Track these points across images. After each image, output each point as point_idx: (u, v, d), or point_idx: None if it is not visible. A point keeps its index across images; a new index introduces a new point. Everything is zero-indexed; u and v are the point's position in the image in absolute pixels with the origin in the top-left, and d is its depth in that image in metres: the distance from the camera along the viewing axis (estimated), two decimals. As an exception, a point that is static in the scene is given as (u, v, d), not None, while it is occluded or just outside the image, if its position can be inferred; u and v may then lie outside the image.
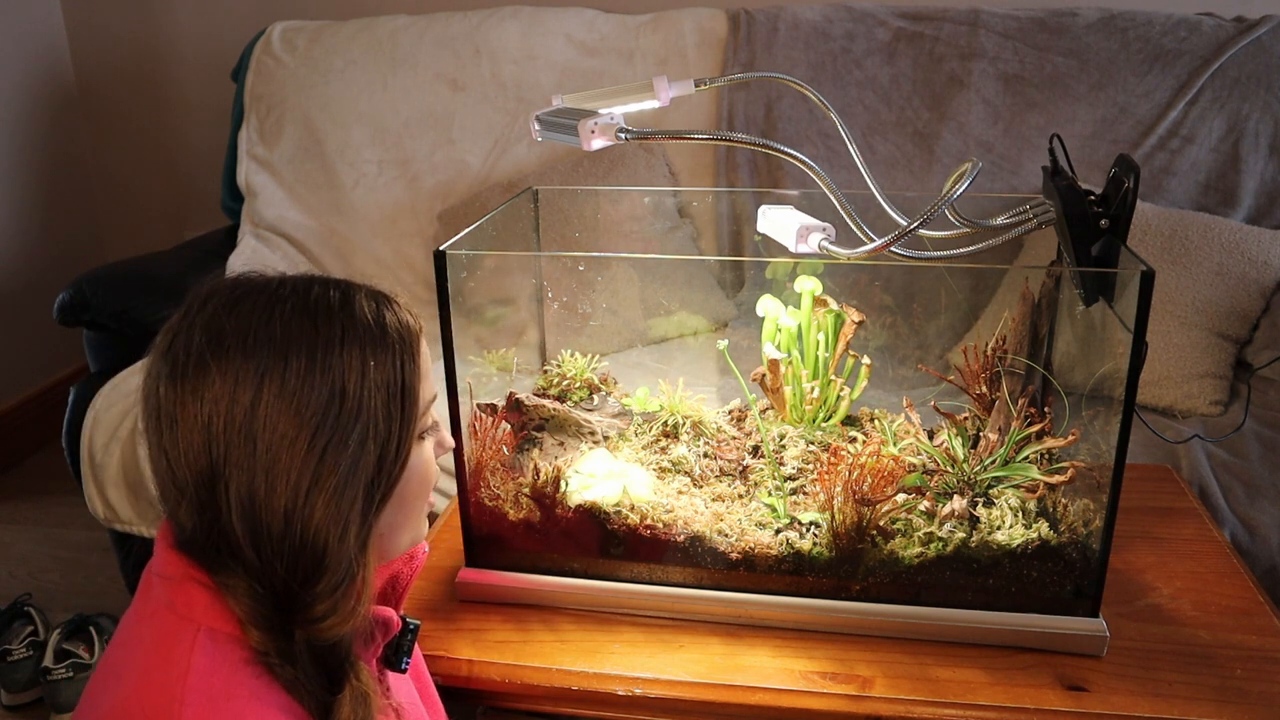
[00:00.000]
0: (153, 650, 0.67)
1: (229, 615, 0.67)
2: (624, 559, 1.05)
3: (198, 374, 0.66)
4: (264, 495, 0.66)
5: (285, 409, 0.66)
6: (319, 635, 0.68)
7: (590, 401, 1.24)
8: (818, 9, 2.12)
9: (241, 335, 0.67)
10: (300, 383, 0.66)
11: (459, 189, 2.19)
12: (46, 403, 2.71)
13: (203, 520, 0.67)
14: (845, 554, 1.00)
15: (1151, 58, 1.97)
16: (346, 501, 0.68)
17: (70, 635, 1.79)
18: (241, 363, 0.66)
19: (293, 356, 0.67)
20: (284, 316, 0.68)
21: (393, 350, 0.71)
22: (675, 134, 1.19)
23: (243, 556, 0.67)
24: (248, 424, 0.65)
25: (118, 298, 1.84)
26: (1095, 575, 0.96)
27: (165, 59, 2.70)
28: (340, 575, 0.68)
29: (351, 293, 0.72)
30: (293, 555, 0.67)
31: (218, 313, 0.68)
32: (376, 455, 0.69)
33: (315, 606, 0.67)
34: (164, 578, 0.69)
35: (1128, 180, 0.92)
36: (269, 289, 0.70)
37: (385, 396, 0.70)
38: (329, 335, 0.68)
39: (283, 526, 0.66)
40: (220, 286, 0.71)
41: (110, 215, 2.90)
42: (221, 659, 0.66)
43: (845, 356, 1.17)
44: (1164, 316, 1.72)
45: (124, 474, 1.65)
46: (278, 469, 0.66)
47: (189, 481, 0.67)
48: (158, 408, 0.67)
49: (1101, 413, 0.98)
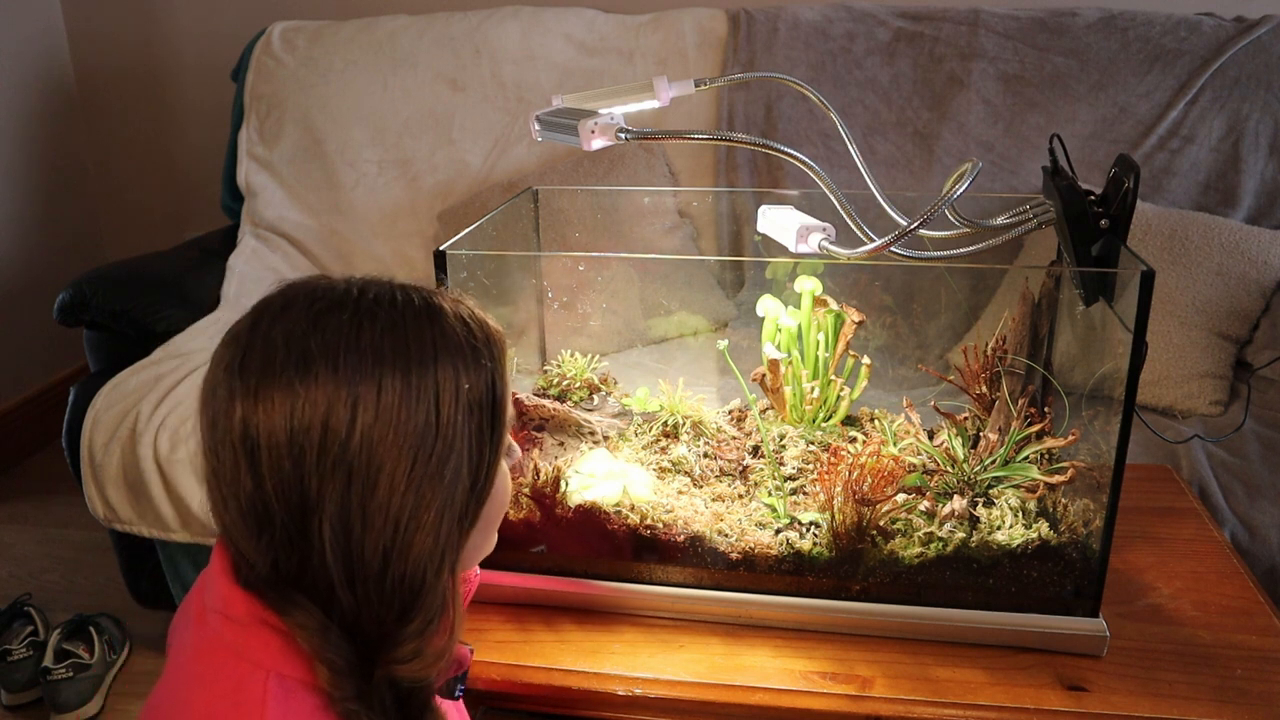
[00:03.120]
0: (218, 697, 0.62)
1: (300, 659, 0.62)
2: (624, 559, 1.05)
3: (283, 395, 0.60)
4: (360, 532, 0.61)
5: (381, 436, 0.60)
6: (403, 676, 0.63)
7: (590, 401, 1.23)
8: (818, 9, 2.12)
9: (330, 354, 0.61)
10: (396, 408, 0.61)
11: (459, 189, 2.19)
12: (46, 403, 2.71)
13: (289, 557, 0.62)
14: (845, 554, 1.00)
15: (1151, 58, 1.97)
16: (444, 533, 0.63)
17: (70, 635, 1.79)
18: (333, 387, 0.60)
19: (386, 379, 0.61)
20: (374, 333, 0.62)
21: (484, 367, 0.66)
22: (675, 134, 1.19)
23: (334, 598, 0.62)
24: (342, 454, 0.60)
25: (118, 298, 1.84)
26: (1095, 575, 0.96)
27: (165, 59, 2.70)
28: (434, 611, 0.64)
29: (436, 301, 0.66)
30: (390, 594, 0.62)
31: (300, 328, 0.62)
32: (469, 481, 0.65)
33: (404, 646, 0.63)
34: (226, 617, 0.63)
35: (1128, 180, 0.92)
36: (350, 300, 0.64)
37: (478, 417, 0.65)
38: (421, 354, 0.63)
39: (381, 564, 0.61)
40: (295, 297, 0.65)
41: (110, 215, 2.90)
42: (297, 709, 0.61)
43: (845, 356, 1.17)
44: (1164, 316, 1.72)
45: (124, 474, 1.64)
46: (375, 503, 0.61)
47: (275, 514, 0.61)
48: (230, 431, 0.61)
49: (1101, 413, 0.98)
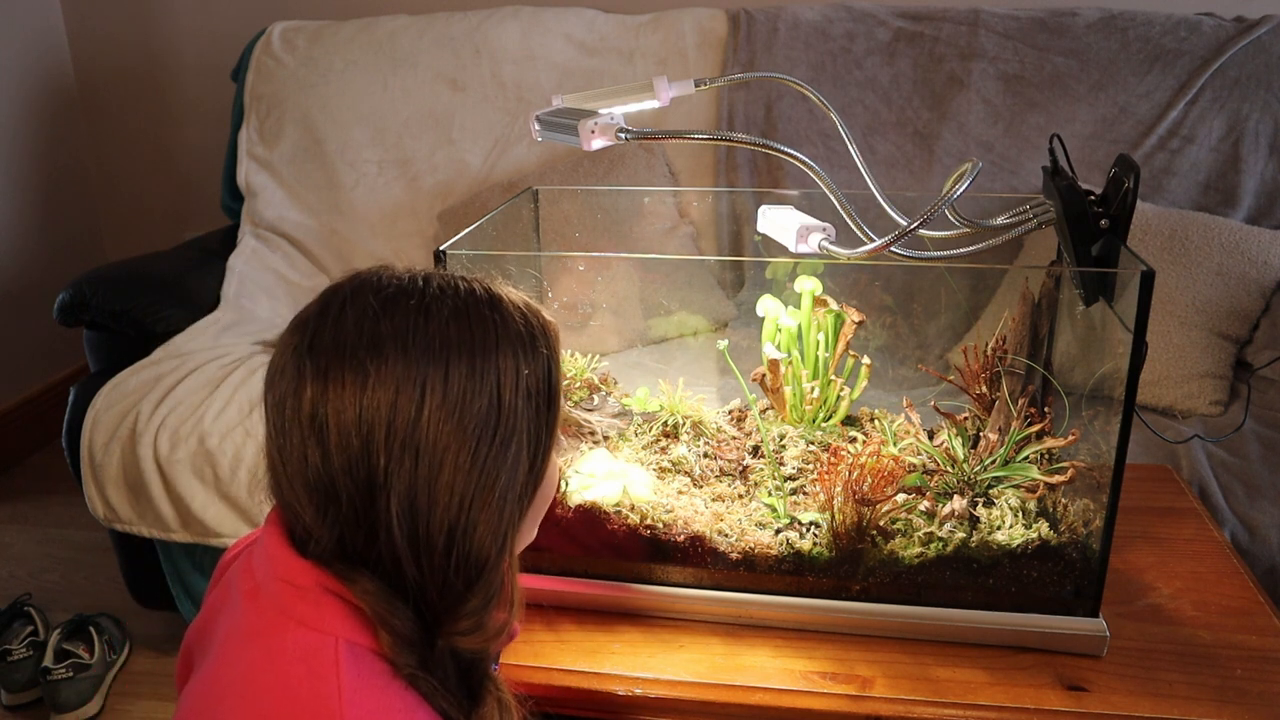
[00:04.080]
0: (291, 669, 0.63)
1: (365, 628, 0.64)
2: (624, 559, 1.05)
3: (355, 378, 0.62)
4: (425, 509, 0.63)
5: (448, 419, 0.63)
6: (464, 647, 0.66)
7: (590, 401, 1.23)
8: (818, 9, 2.12)
9: (400, 338, 0.64)
10: (461, 392, 0.63)
11: (459, 189, 2.19)
12: (46, 403, 2.71)
13: (357, 531, 0.64)
14: (845, 554, 1.00)
15: (1151, 58, 1.97)
16: (506, 515, 0.66)
17: (70, 635, 1.79)
18: (403, 369, 0.63)
19: (453, 364, 0.64)
20: (441, 320, 0.65)
21: (542, 356, 0.68)
22: (675, 134, 1.19)
23: (401, 570, 0.64)
24: (410, 435, 0.62)
25: (118, 298, 1.84)
26: (1095, 575, 0.96)
27: (165, 59, 2.70)
28: (493, 589, 0.66)
29: (498, 291, 0.69)
30: (455, 570, 0.65)
31: (369, 312, 0.65)
32: (529, 464, 0.68)
33: (464, 620, 0.66)
34: (287, 580, 0.65)
35: (1128, 180, 0.92)
36: (418, 288, 0.67)
37: (535, 403, 0.68)
38: (485, 341, 0.66)
39: (446, 542, 0.64)
40: (363, 284, 0.68)
41: (110, 215, 2.90)
42: (369, 673, 0.63)
43: (845, 356, 1.17)
44: (1164, 316, 1.72)
45: (124, 474, 1.64)
46: (440, 482, 0.63)
47: (342, 491, 0.63)
48: (299, 409, 0.63)
49: (1101, 413, 0.98)
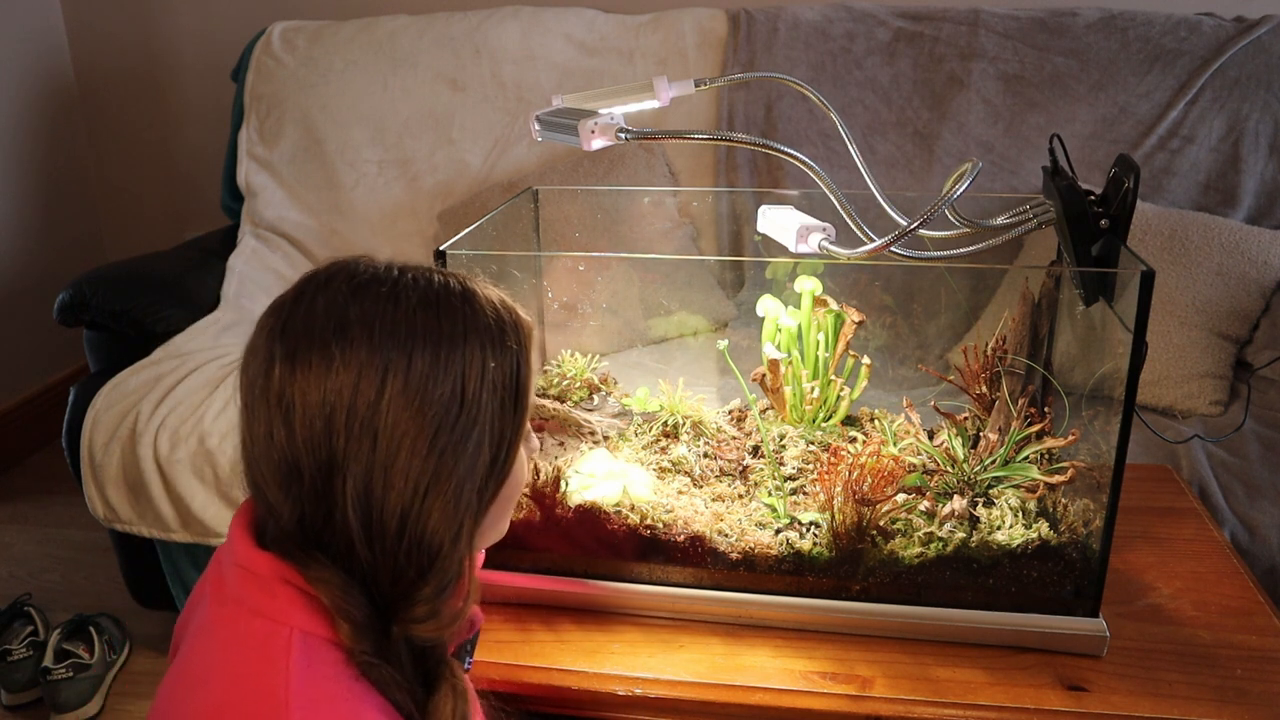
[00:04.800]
0: (244, 656, 0.64)
1: (321, 617, 0.65)
2: (624, 559, 1.05)
3: (321, 360, 0.64)
4: (380, 492, 0.64)
5: (408, 405, 0.64)
6: (418, 635, 0.66)
7: (590, 401, 1.23)
8: (818, 9, 2.12)
9: (367, 324, 0.65)
10: (423, 379, 0.65)
11: (459, 189, 2.19)
12: (46, 403, 2.71)
13: (317, 510, 0.65)
14: (845, 554, 1.00)
15: (1151, 58, 1.97)
16: (462, 505, 0.67)
17: (70, 635, 1.79)
18: (366, 353, 0.64)
19: (417, 351, 0.65)
20: (409, 308, 0.66)
21: (510, 350, 0.69)
22: (675, 134, 1.19)
23: (353, 553, 0.65)
24: (370, 418, 0.64)
25: (118, 298, 1.84)
26: (1095, 575, 0.96)
27: (165, 59, 2.70)
28: (448, 577, 0.67)
29: (472, 287, 0.70)
30: (406, 556, 0.65)
31: (340, 298, 0.66)
32: (490, 458, 0.68)
33: (418, 607, 0.66)
34: (249, 574, 0.67)
35: (1128, 180, 0.92)
36: (391, 277, 0.68)
37: (501, 397, 0.68)
38: (452, 331, 0.67)
39: (398, 526, 0.65)
40: (338, 271, 0.69)
41: (110, 215, 2.90)
42: (320, 663, 0.64)
43: (845, 356, 1.17)
44: (1164, 316, 1.72)
45: (124, 474, 1.64)
46: (396, 466, 0.64)
47: (304, 469, 0.65)
48: (268, 389, 0.65)
49: (1101, 413, 0.98)
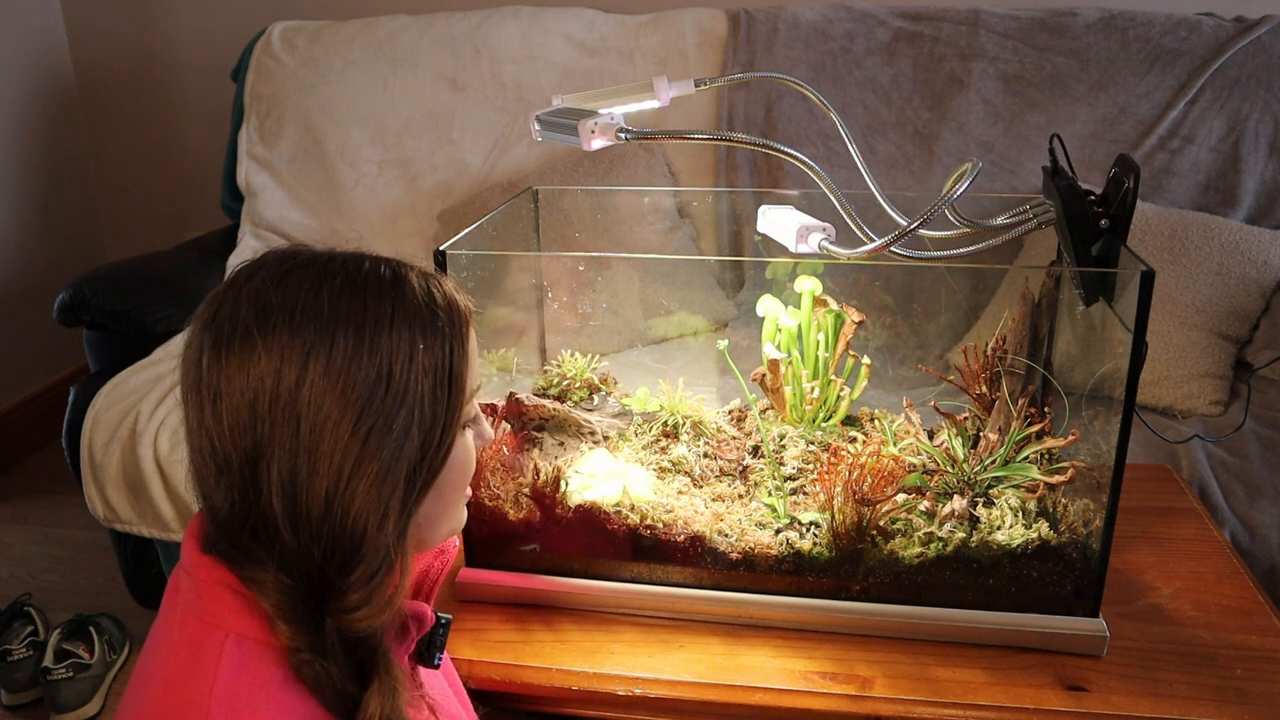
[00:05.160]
0: (180, 659, 0.65)
1: (256, 620, 0.65)
2: (624, 559, 1.05)
3: (243, 347, 0.64)
4: (305, 476, 0.64)
5: (330, 389, 0.64)
6: (351, 626, 0.66)
7: (590, 401, 1.23)
8: (818, 9, 2.12)
9: (288, 310, 0.65)
10: (346, 363, 0.64)
11: (459, 189, 2.19)
12: (46, 403, 2.71)
13: (243, 499, 0.65)
14: (845, 554, 1.00)
15: (1151, 58, 1.97)
16: (388, 488, 0.66)
17: (70, 635, 1.79)
18: (288, 339, 0.64)
19: (339, 335, 0.65)
20: (333, 292, 0.66)
21: (442, 334, 0.68)
22: (675, 134, 1.19)
23: (279, 540, 0.65)
24: (291, 403, 0.64)
25: (118, 298, 1.84)
26: (1095, 575, 0.96)
27: (165, 59, 2.70)
28: (377, 564, 0.66)
29: (403, 271, 0.70)
30: (331, 540, 0.65)
31: (265, 285, 0.66)
32: (420, 442, 0.67)
33: (349, 595, 0.66)
34: (192, 579, 0.68)
35: (1128, 180, 0.92)
36: (318, 263, 0.68)
37: (432, 381, 0.68)
38: (378, 314, 0.66)
39: (323, 510, 0.65)
40: (268, 259, 0.69)
41: (110, 215, 2.90)
42: (248, 668, 0.64)
43: (845, 356, 1.17)
44: (1164, 316, 1.72)
45: (124, 474, 1.64)
46: (320, 450, 0.64)
47: (231, 457, 0.65)
48: (199, 380, 0.65)
49: (1101, 413, 0.98)
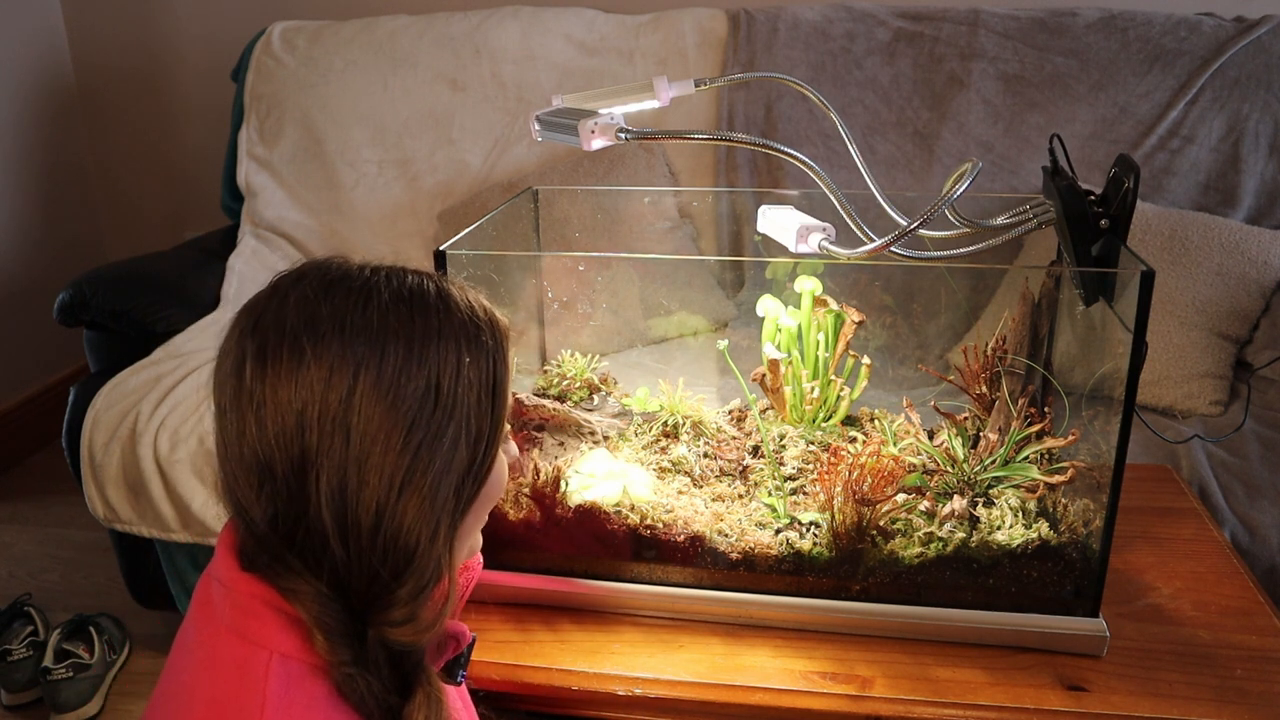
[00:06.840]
0: (225, 679, 0.64)
1: (300, 638, 0.65)
2: (624, 559, 1.05)
3: (291, 357, 0.63)
4: (355, 488, 0.64)
5: (380, 401, 0.63)
6: (395, 639, 0.66)
7: (590, 401, 1.23)
8: (818, 9, 2.12)
9: (338, 321, 0.64)
10: (396, 375, 0.64)
11: (459, 189, 2.19)
12: (46, 403, 2.71)
13: (288, 510, 0.65)
14: (845, 554, 1.00)
15: (1151, 58, 1.97)
16: (439, 501, 0.66)
17: (70, 635, 1.79)
18: (338, 350, 0.64)
19: (390, 347, 0.64)
20: (381, 305, 0.66)
21: (486, 347, 0.68)
22: (675, 134, 1.19)
23: (328, 552, 0.64)
24: (342, 414, 0.63)
25: (118, 298, 1.84)
26: (1095, 575, 0.96)
27: (165, 59, 2.70)
28: (426, 578, 0.66)
29: (445, 285, 0.70)
30: (382, 553, 0.65)
31: (311, 296, 0.66)
32: (468, 455, 0.67)
33: (395, 610, 0.65)
34: (230, 593, 0.67)
35: (1128, 180, 0.92)
36: (364, 275, 0.68)
37: (477, 395, 0.67)
38: (425, 328, 0.66)
39: (374, 522, 0.64)
40: (310, 269, 0.69)
41: (110, 215, 2.90)
42: (296, 687, 0.64)
43: (845, 356, 1.17)
44: (1164, 316, 1.72)
45: (124, 474, 1.64)
46: (370, 463, 0.64)
47: (276, 466, 0.64)
48: (239, 388, 0.65)
49: (1101, 413, 0.98)
